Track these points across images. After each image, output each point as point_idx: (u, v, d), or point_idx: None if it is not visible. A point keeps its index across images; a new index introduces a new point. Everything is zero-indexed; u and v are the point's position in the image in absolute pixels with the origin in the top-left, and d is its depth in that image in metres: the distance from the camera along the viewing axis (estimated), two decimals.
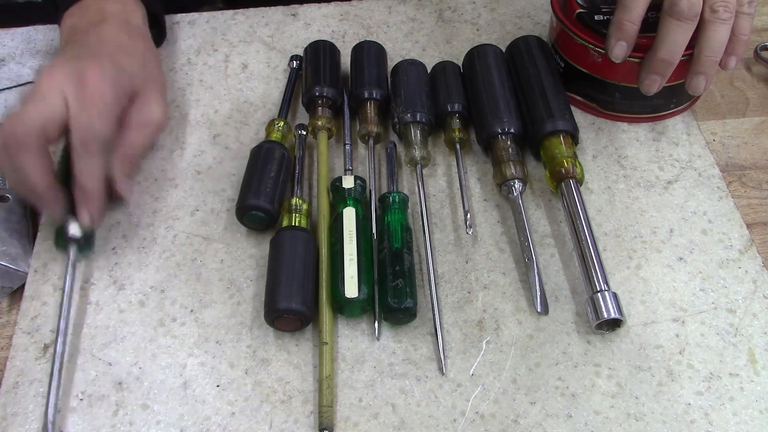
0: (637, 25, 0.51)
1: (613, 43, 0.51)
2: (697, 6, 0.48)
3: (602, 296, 0.46)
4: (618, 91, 0.56)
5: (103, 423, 0.44)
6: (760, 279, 0.50)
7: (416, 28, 0.67)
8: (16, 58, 0.65)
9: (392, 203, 0.51)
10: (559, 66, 0.58)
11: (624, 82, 0.55)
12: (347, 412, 0.44)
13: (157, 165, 0.56)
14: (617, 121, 0.59)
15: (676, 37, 0.50)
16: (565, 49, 0.57)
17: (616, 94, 0.57)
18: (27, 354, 0.47)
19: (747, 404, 0.44)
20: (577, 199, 0.51)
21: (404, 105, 0.56)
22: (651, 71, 0.52)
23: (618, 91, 0.56)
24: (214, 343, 0.47)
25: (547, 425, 0.43)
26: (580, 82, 0.58)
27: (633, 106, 0.57)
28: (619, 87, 0.56)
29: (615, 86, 0.56)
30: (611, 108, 0.58)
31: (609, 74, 0.55)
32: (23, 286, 0.50)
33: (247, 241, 0.52)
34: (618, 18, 0.51)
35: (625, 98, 0.57)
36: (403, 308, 0.46)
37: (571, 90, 0.59)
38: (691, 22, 0.49)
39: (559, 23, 0.57)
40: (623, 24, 0.51)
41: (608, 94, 0.57)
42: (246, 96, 0.61)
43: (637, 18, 0.50)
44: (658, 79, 0.52)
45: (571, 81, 0.58)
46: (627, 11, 0.50)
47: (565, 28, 0.56)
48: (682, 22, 0.49)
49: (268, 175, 0.51)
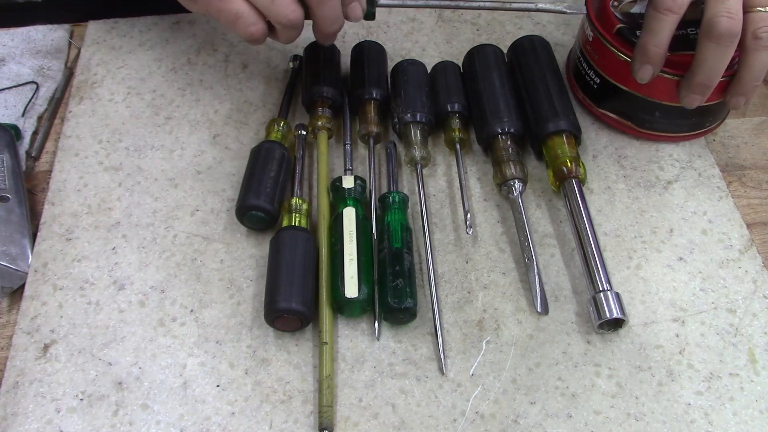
0: (662, 48, 0.49)
1: (638, 67, 0.50)
2: (736, 28, 0.46)
3: (605, 296, 0.46)
4: (658, 109, 0.54)
5: (103, 423, 0.44)
6: (760, 279, 0.50)
7: (416, 28, 0.67)
8: (16, 58, 0.65)
9: (392, 203, 0.51)
10: (592, 82, 0.56)
11: (666, 100, 0.53)
12: (347, 412, 0.44)
13: (157, 165, 0.56)
14: (654, 140, 0.57)
15: (714, 61, 0.48)
16: (603, 64, 0.55)
17: (656, 113, 0.54)
18: (27, 354, 0.47)
19: (747, 404, 0.44)
20: (580, 199, 0.51)
21: (404, 105, 0.56)
22: (690, 91, 0.50)
23: (658, 109, 0.54)
24: (214, 343, 0.47)
25: (547, 425, 0.43)
26: (617, 99, 0.55)
27: (672, 125, 0.55)
28: (660, 105, 0.54)
29: (656, 104, 0.54)
30: (649, 126, 0.56)
31: (651, 92, 0.53)
32: (23, 286, 0.50)
33: (247, 241, 0.52)
34: (643, 42, 0.50)
35: (665, 117, 0.55)
36: (403, 308, 0.46)
37: (605, 107, 0.57)
38: (730, 45, 0.47)
39: (597, 37, 0.54)
40: (648, 48, 0.49)
41: (647, 112, 0.55)
42: (246, 96, 0.61)
43: (663, 42, 0.49)
44: (698, 98, 0.51)
45: (605, 98, 0.56)
46: (652, 35, 0.49)
47: (606, 42, 0.53)
48: (721, 45, 0.47)
49: (268, 175, 0.51)
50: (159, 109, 0.60)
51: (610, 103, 0.56)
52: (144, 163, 0.56)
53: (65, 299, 0.49)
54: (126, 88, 0.61)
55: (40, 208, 0.54)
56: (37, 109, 0.61)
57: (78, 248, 0.51)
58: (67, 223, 0.53)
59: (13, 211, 0.52)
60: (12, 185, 0.54)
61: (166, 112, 0.60)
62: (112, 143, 0.58)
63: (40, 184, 0.56)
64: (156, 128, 0.59)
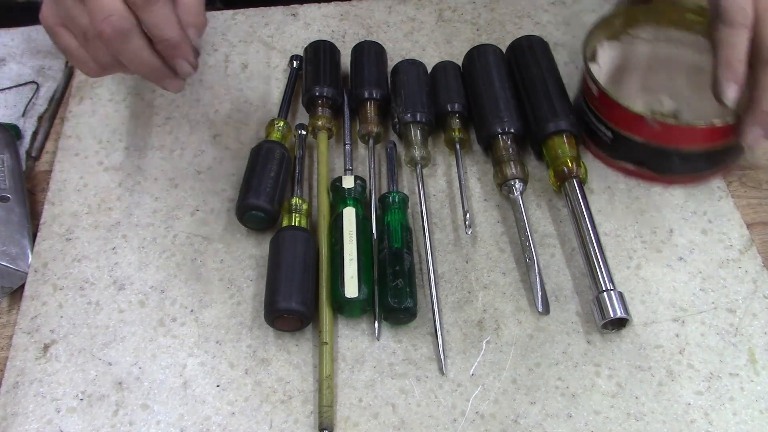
0: (745, 63, 0.46)
1: (725, 87, 0.46)
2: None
3: (608, 295, 0.46)
4: (678, 155, 0.51)
5: (103, 423, 0.44)
6: (760, 279, 0.50)
7: (416, 28, 0.67)
8: (16, 58, 0.65)
9: (392, 203, 0.51)
10: (605, 136, 0.53)
11: (686, 146, 0.51)
12: (347, 412, 0.44)
13: (157, 165, 0.56)
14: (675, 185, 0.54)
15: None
16: (614, 119, 0.52)
17: (675, 159, 0.52)
18: (27, 354, 0.47)
19: (747, 404, 0.44)
20: (582, 199, 0.51)
21: (404, 105, 0.56)
22: (755, 124, 0.47)
23: (678, 155, 0.51)
24: (214, 343, 0.47)
25: (547, 425, 0.43)
26: (634, 151, 0.53)
27: (694, 168, 0.53)
28: (680, 152, 0.51)
29: (675, 151, 0.51)
30: (669, 172, 0.53)
31: (670, 140, 0.51)
32: (23, 286, 0.50)
33: (247, 241, 0.52)
34: (725, 59, 0.46)
35: (685, 161, 0.52)
36: (403, 308, 0.46)
37: (621, 159, 0.54)
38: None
39: (604, 92, 0.51)
40: (733, 64, 0.46)
41: (667, 158, 0.52)
42: (246, 96, 0.61)
43: (744, 56, 0.46)
44: (763, 132, 0.48)
45: (620, 150, 0.53)
46: (732, 49, 0.46)
47: (614, 98, 0.51)
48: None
49: (268, 175, 0.51)
50: (159, 109, 0.60)
51: (627, 155, 0.54)
52: (144, 163, 0.56)
53: (65, 299, 0.49)
54: (126, 88, 0.61)
55: (40, 208, 0.54)
56: (38, 109, 0.61)
57: (78, 248, 0.51)
58: (67, 223, 0.53)
59: (13, 211, 0.53)
60: (12, 185, 0.54)
61: (166, 112, 0.60)
62: (112, 143, 0.58)
63: (40, 184, 0.56)
64: (156, 128, 0.59)
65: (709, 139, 0.50)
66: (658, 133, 0.50)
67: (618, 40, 0.57)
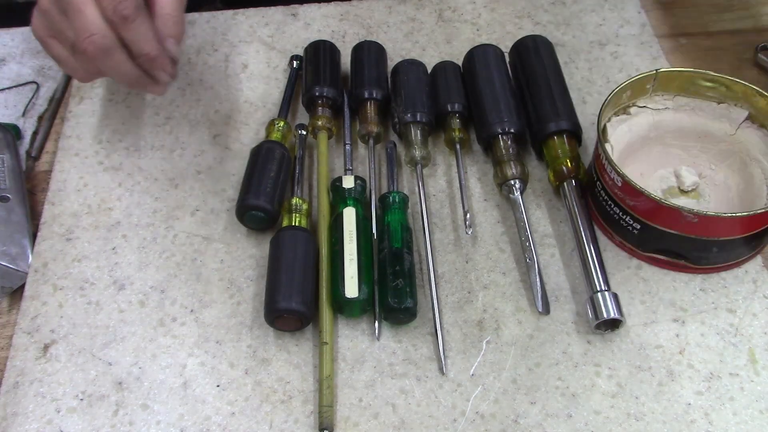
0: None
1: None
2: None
3: (602, 296, 0.46)
4: (716, 245, 0.48)
5: (103, 423, 0.44)
6: (760, 279, 0.50)
7: (416, 28, 0.67)
8: (16, 58, 0.65)
9: (392, 203, 0.51)
10: (631, 227, 0.49)
11: (726, 236, 0.47)
12: (347, 412, 0.44)
13: (157, 165, 0.56)
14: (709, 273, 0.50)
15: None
16: (641, 210, 0.48)
17: (713, 249, 0.48)
18: (27, 354, 0.47)
19: (747, 404, 0.44)
20: (579, 199, 0.51)
21: (404, 105, 0.56)
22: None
23: (716, 245, 0.48)
24: (214, 343, 0.47)
25: (547, 425, 0.43)
26: (665, 242, 0.48)
27: (732, 255, 0.49)
28: (719, 242, 0.47)
29: (714, 242, 0.47)
30: (705, 262, 0.49)
31: (709, 232, 0.47)
32: (23, 286, 0.50)
33: (247, 241, 0.52)
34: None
35: (724, 250, 0.48)
36: (403, 308, 0.46)
37: (650, 250, 0.50)
38: None
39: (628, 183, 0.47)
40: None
41: (704, 250, 0.48)
42: (246, 96, 0.61)
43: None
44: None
45: (650, 242, 0.49)
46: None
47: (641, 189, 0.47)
48: None
49: (268, 175, 0.51)
50: (159, 109, 0.60)
51: (657, 246, 0.49)
52: (144, 163, 0.56)
53: (65, 299, 0.49)
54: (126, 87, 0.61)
55: (40, 208, 0.54)
56: (38, 109, 0.61)
57: (78, 248, 0.51)
58: (67, 223, 0.53)
59: (13, 211, 0.53)
60: (12, 185, 0.54)
61: (166, 112, 0.60)
62: (112, 143, 0.58)
63: (40, 184, 0.56)
64: (156, 128, 0.59)
65: (750, 227, 0.47)
66: (694, 225, 0.46)
67: (627, 113, 0.54)
